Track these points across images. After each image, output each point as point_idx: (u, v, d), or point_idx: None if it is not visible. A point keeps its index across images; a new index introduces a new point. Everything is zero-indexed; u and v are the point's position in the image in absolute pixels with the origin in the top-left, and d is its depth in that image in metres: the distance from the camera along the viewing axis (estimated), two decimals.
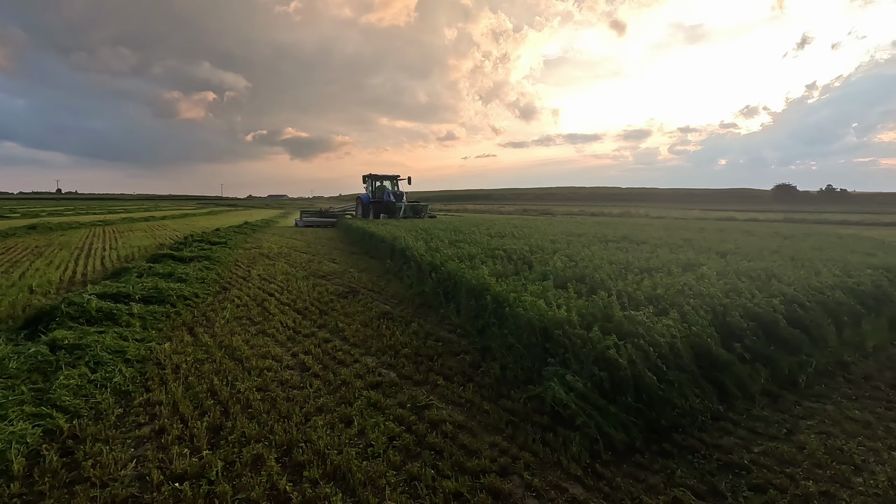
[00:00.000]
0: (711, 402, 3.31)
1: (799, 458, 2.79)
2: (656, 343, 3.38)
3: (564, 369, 3.44)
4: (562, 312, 3.88)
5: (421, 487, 2.51)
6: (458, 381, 3.91)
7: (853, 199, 63.18)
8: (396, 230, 12.68)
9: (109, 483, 2.52)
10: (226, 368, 4.12)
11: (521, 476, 2.62)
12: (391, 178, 24.37)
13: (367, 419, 3.23)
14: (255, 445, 2.88)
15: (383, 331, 5.24)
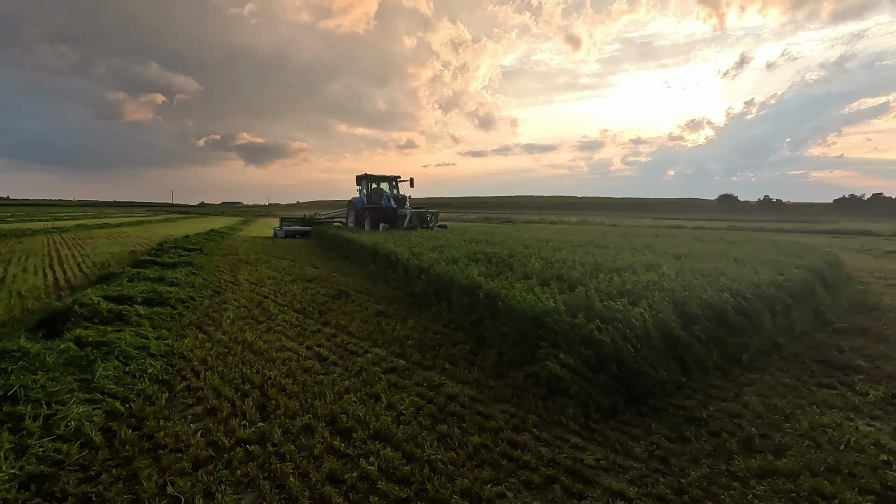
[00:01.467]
0: (676, 373, 4.03)
1: (744, 412, 3.52)
2: (632, 326, 4.08)
3: (556, 350, 4.07)
4: (551, 303, 4.55)
5: (452, 442, 3.06)
6: (462, 364, 4.47)
7: (787, 208, 68.30)
8: (374, 236, 13.22)
9: (185, 448, 2.93)
10: (249, 360, 4.52)
11: (530, 432, 3.22)
12: (390, 180, 20.27)
13: (392, 395, 3.74)
14: (302, 417, 3.34)
15: (384, 326, 5.74)
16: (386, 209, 18.23)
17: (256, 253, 13.36)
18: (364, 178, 19.79)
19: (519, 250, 9.08)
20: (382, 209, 18.30)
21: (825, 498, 2.51)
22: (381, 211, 18.27)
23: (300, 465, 2.76)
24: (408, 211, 17.41)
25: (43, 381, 3.69)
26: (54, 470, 2.66)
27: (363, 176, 19.79)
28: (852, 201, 61.65)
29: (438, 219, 18.69)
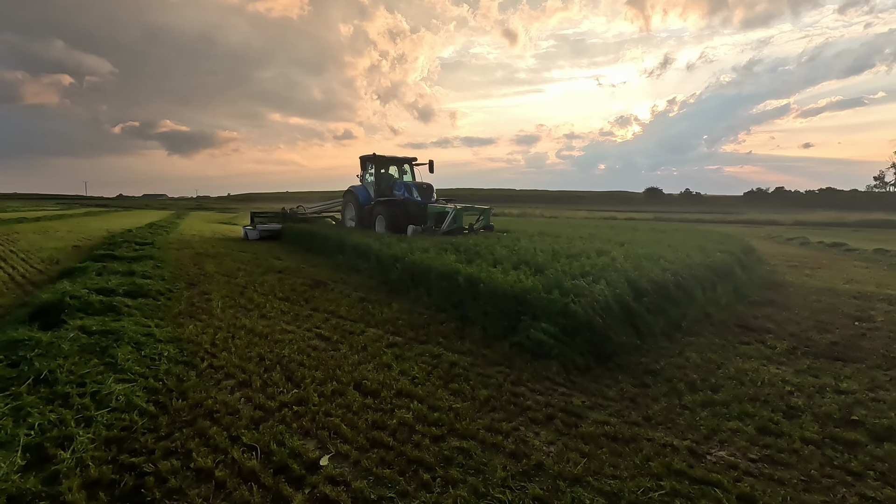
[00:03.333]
0: (632, 337, 4.88)
1: (687, 364, 4.41)
2: (597, 300, 4.88)
3: (536, 321, 4.80)
4: (529, 283, 5.27)
5: (465, 396, 3.67)
6: (453, 339, 5.08)
7: (705, 200, 74.39)
8: (339, 227, 13.62)
9: (237, 412, 3.33)
10: (256, 342, 4.87)
11: (525, 385, 3.91)
12: (403, 163, 15.00)
13: (401, 364, 4.29)
14: (330, 383, 3.82)
15: (371, 310, 6.23)
16: (406, 203, 13.25)
17: (213, 246, 13.17)
18: (372, 160, 14.40)
19: (482, 240, 9.81)
20: (401, 203, 13.27)
21: (749, 416, 3.38)
22: (398, 206, 13.16)
23: (345, 418, 3.27)
24: (451, 208, 11.79)
25: (69, 365, 3.91)
26: (126, 434, 2.99)
27: (370, 157, 14.47)
28: (759, 194, 68.34)
29: (490, 217, 13.31)
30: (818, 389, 3.87)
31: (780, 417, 3.38)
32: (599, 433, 3.13)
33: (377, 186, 14.31)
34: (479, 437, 3.06)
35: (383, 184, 14.41)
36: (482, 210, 13.16)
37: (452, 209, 11.72)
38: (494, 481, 2.58)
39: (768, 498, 2.48)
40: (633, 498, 2.47)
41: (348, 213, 15.64)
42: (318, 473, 2.63)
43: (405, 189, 13.68)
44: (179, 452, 2.80)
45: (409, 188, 13.63)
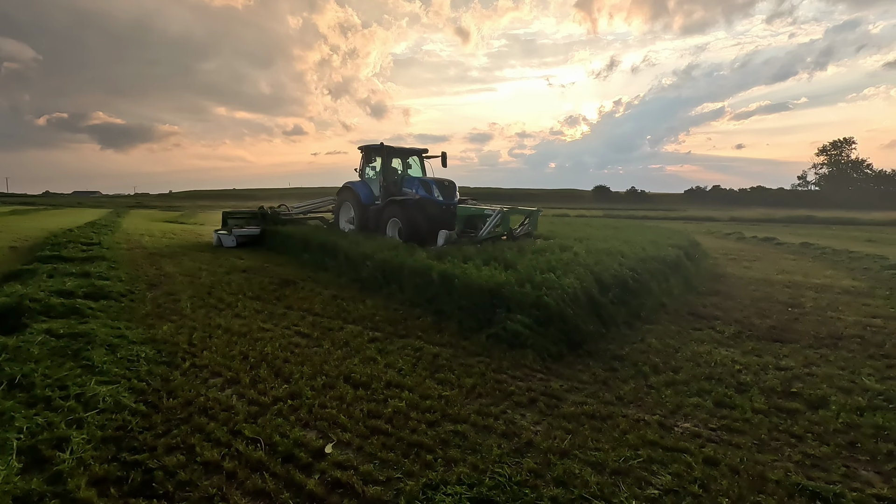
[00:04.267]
0: (599, 326, 5.25)
1: (649, 349, 4.81)
2: (566, 292, 5.21)
3: (511, 314, 5.07)
4: (501, 277, 5.54)
5: (451, 384, 3.87)
6: (431, 332, 5.27)
7: (650, 198, 78.11)
8: (335, 231, 12.07)
9: (231, 407, 3.38)
10: (235, 341, 4.86)
11: (506, 373, 4.15)
12: (411, 155, 12.45)
13: (386, 357, 4.44)
14: (320, 377, 3.92)
15: (346, 307, 6.31)
16: (424, 203, 10.60)
17: (166, 245, 12.66)
18: (378, 150, 11.81)
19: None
20: (419, 204, 10.54)
21: (706, 392, 3.78)
22: (417, 207, 10.47)
23: (341, 409, 3.39)
24: (496, 210, 9.43)
25: (42, 369, 3.80)
26: (122, 433, 2.99)
27: (376, 147, 11.85)
28: (698, 192, 72.61)
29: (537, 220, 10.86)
30: (762, 367, 4.35)
31: (732, 392, 3.80)
32: (579, 412, 3.43)
33: (385, 182, 11.66)
34: (470, 421, 3.27)
35: (386, 177, 11.79)
36: (529, 212, 10.64)
37: (498, 211, 9.35)
38: (491, 458, 2.80)
39: (728, 459, 2.84)
40: (616, 466, 2.76)
41: (344, 215, 12.64)
42: (325, 460, 2.75)
43: (421, 186, 11.14)
44: (182, 448, 2.84)
45: (428, 185, 11.05)
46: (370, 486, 2.51)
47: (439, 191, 11.13)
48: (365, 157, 12.63)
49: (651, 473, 2.69)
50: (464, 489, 2.48)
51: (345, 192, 12.61)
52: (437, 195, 11.01)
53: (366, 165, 12.65)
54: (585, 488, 2.53)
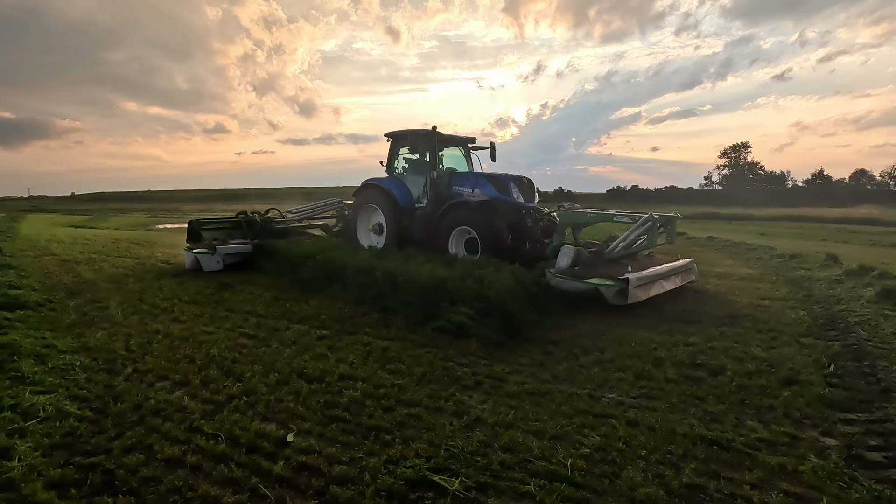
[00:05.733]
0: (535, 316, 5.69)
1: (580, 334, 5.30)
2: (505, 286, 5.61)
3: (454, 307, 5.37)
4: (444, 273, 5.84)
5: (403, 374, 4.10)
6: (379, 328, 5.45)
7: (575, 198, 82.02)
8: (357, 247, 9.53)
9: (185, 408, 3.39)
10: (178, 345, 4.77)
11: (453, 360, 4.45)
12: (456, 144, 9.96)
13: (337, 353, 4.58)
14: (272, 375, 3.99)
15: (290, 308, 6.31)
16: (499, 206, 8.25)
17: (79, 251, 11.74)
18: (426, 137, 9.04)
19: None
20: (497, 207, 8.18)
21: (628, 368, 4.28)
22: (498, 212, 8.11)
23: (297, 402, 3.51)
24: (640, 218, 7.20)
25: None
26: (71, 439, 2.93)
27: (422, 134, 9.11)
28: (619, 192, 77.40)
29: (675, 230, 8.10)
30: (674, 344, 4.96)
31: (649, 366, 4.34)
32: (520, 390, 3.79)
33: (435, 179, 8.88)
34: (423, 404, 3.52)
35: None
36: (666, 219, 7.61)
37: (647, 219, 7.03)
38: (445, 434, 3.07)
39: (646, 420, 3.31)
40: (554, 433, 3.13)
41: (364, 222, 9.83)
42: (288, 448, 2.89)
43: (489, 183, 8.46)
44: (140, 447, 2.85)
45: (502, 182, 8.40)
46: (335, 466, 2.69)
47: (519, 191, 8.52)
48: (395, 146, 9.82)
49: (583, 436, 3.09)
50: (422, 461, 2.73)
51: (367, 193, 9.60)
52: (516, 196, 8.42)
53: (393, 159, 9.82)
54: (529, 452, 2.87)
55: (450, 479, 2.57)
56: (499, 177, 8.63)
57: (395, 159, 9.85)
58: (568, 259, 6.85)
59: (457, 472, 2.65)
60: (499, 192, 8.38)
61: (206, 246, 9.07)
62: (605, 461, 2.80)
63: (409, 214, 9.03)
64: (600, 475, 2.66)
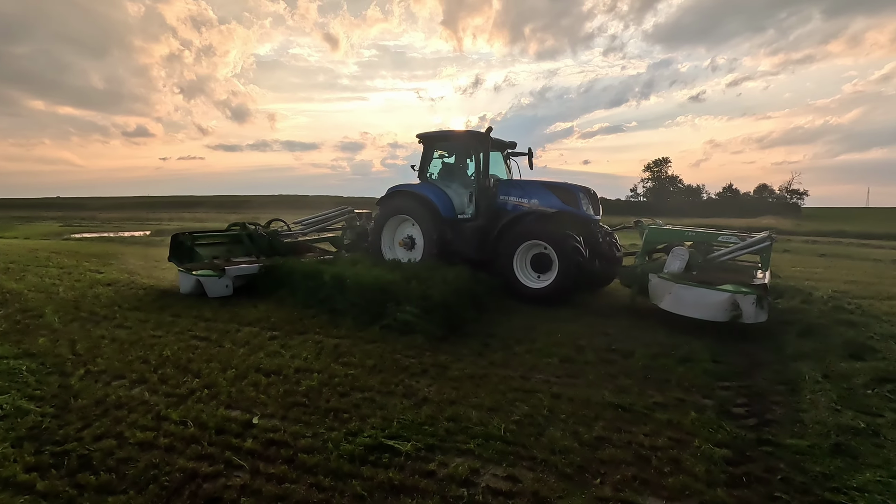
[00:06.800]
0: (475, 313, 6.23)
1: (515, 328, 5.90)
2: (449, 285, 6.11)
3: (400, 306, 5.80)
4: (391, 276, 6.26)
5: (355, 365, 4.47)
6: (328, 328, 5.75)
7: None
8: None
9: (148, 401, 3.57)
10: (128, 348, 4.84)
11: (400, 353, 4.86)
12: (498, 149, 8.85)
13: (290, 350, 4.85)
14: (230, 370, 4.22)
15: (238, 312, 6.44)
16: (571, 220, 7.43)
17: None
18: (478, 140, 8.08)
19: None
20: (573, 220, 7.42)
21: (555, 354, 4.90)
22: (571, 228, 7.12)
23: (258, 392, 3.79)
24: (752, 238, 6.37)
25: None
26: (37, 432, 3.06)
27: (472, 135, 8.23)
28: None
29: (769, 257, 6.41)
30: (594, 334, 5.66)
31: (573, 352, 4.99)
32: (462, 375, 4.29)
33: (484, 189, 7.99)
34: (376, 389, 3.92)
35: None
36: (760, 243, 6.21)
37: (766, 238, 6.23)
38: (397, 411, 3.49)
39: (567, 394, 3.91)
40: (490, 405, 3.64)
41: (390, 234, 8.70)
42: (255, 428, 3.19)
43: (552, 194, 7.69)
44: (110, 435, 3.04)
45: (570, 193, 7.66)
46: (301, 440, 3.04)
47: (589, 201, 7.80)
48: (429, 148, 8.84)
49: (515, 407, 3.62)
50: (377, 431, 3.14)
51: (396, 202, 8.51)
52: (586, 209, 7.69)
53: (426, 162, 8.83)
54: (469, 421, 3.36)
55: (403, 443, 3.01)
56: (564, 186, 7.88)
57: (429, 163, 8.86)
58: (681, 262, 6.15)
59: (408, 438, 3.09)
60: (564, 204, 7.59)
61: (211, 266, 7.53)
62: (532, 424, 3.35)
63: (452, 226, 8.03)
64: (528, 435, 3.20)
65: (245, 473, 2.70)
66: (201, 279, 7.27)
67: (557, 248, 6.93)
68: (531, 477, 2.73)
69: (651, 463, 2.89)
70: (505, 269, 7.39)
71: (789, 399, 3.90)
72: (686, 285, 5.70)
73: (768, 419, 3.55)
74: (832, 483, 2.69)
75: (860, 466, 2.85)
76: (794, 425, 3.42)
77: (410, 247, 8.49)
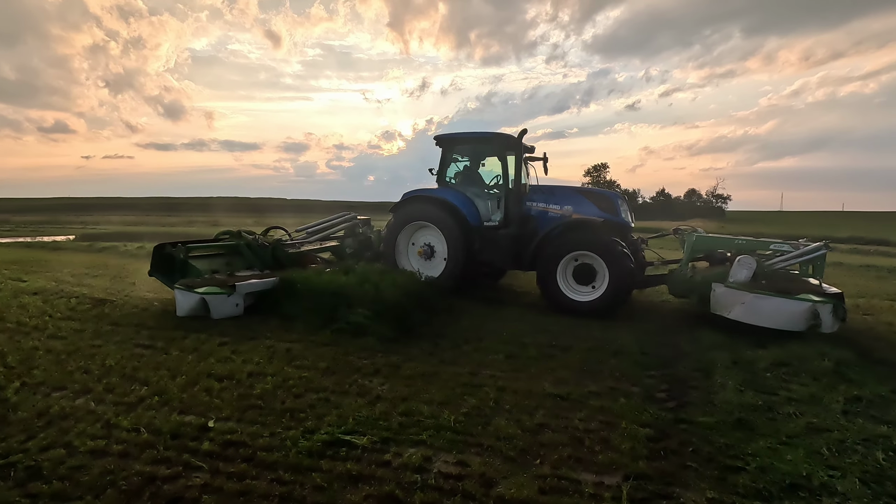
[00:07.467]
0: (425, 315, 6.45)
1: (464, 328, 6.17)
2: (400, 288, 6.30)
3: (352, 310, 5.92)
4: (343, 280, 6.37)
5: (308, 367, 4.57)
6: (280, 332, 5.76)
7: None
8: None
9: (95, 409, 3.51)
10: (66, 359, 4.65)
11: (353, 355, 5.00)
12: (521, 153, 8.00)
13: (241, 355, 4.86)
14: (180, 377, 4.19)
15: (183, 319, 6.29)
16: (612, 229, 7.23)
17: None
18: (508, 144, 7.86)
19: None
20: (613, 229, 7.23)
21: (501, 351, 5.22)
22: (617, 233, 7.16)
23: (211, 396, 3.82)
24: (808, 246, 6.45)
25: None
26: None
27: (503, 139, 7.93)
28: None
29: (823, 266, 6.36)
30: (537, 332, 6.05)
31: (517, 349, 5.32)
32: (414, 373, 4.50)
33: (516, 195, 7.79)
34: (330, 389, 4.05)
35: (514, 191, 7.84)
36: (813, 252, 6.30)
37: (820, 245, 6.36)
38: (352, 409, 3.65)
39: (512, 386, 4.21)
40: (441, 400, 3.88)
41: (405, 243, 8.33)
42: (211, 431, 3.24)
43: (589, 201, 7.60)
44: (59, 444, 3.00)
45: (609, 200, 7.63)
46: (259, 439, 3.14)
47: (626, 209, 7.68)
48: (448, 151, 8.47)
49: (464, 401, 3.88)
50: (334, 428, 3.29)
51: (415, 208, 8.09)
52: (624, 216, 7.55)
53: (445, 167, 8.47)
54: (421, 415, 3.58)
55: (359, 437, 3.18)
56: (601, 193, 8.05)
57: (448, 167, 8.51)
58: (748, 271, 6.01)
59: (364, 432, 3.26)
60: (603, 211, 7.42)
61: (218, 283, 6.60)
62: (480, 415, 3.62)
63: (480, 235, 7.77)
64: (476, 424, 3.47)
65: (205, 473, 2.77)
66: (206, 298, 6.31)
67: (609, 258, 6.71)
68: (479, 461, 2.99)
69: (584, 443, 3.23)
70: (547, 281, 7.14)
71: (704, 383, 4.41)
72: (763, 295, 5.60)
73: (686, 401, 4.03)
74: (732, 451, 3.14)
75: (755, 437, 3.33)
76: (706, 405, 3.90)
77: (430, 255, 8.07)
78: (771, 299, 5.55)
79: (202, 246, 7.68)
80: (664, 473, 2.90)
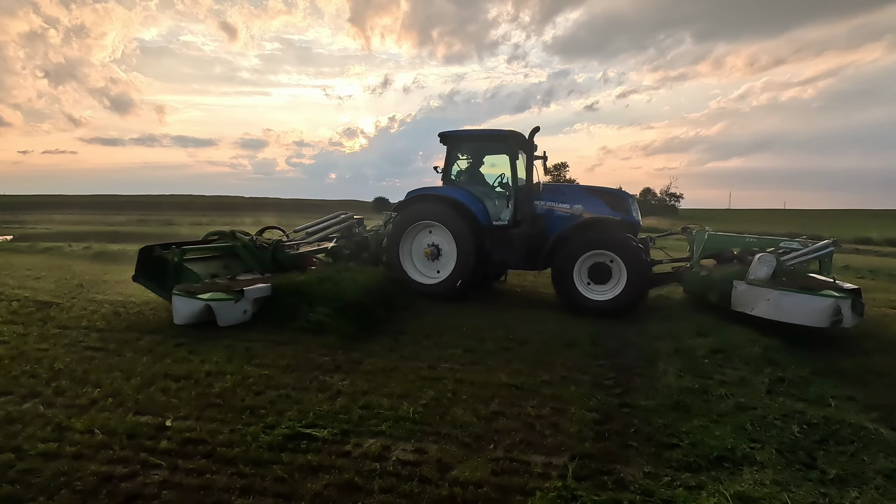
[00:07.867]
0: (387, 313, 6.55)
1: (425, 325, 6.28)
2: (361, 286, 6.37)
3: (313, 308, 5.94)
4: (302, 278, 6.37)
5: (268, 366, 4.58)
6: (239, 331, 5.70)
7: None
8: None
9: (41, 416, 3.43)
10: (9, 364, 4.47)
11: (314, 352, 5.03)
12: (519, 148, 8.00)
13: (199, 355, 4.80)
14: (134, 379, 4.13)
15: (135, 320, 6.13)
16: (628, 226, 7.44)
17: None
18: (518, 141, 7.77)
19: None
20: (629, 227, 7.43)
21: (460, 346, 5.38)
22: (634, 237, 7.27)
23: (168, 396, 3.80)
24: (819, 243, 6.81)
25: None
26: None
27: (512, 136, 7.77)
28: None
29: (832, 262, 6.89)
30: (495, 327, 6.25)
31: (476, 344, 5.50)
32: (374, 369, 4.60)
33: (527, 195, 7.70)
34: (291, 386, 4.10)
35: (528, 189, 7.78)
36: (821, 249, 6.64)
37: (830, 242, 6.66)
38: (313, 404, 3.72)
39: (470, 378, 4.38)
40: (400, 393, 4.00)
41: (408, 244, 8.01)
42: (169, 430, 3.24)
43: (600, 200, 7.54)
44: (7, 449, 2.93)
45: (620, 199, 7.60)
46: (218, 436, 3.16)
47: (636, 208, 7.72)
48: (454, 149, 8.28)
49: (423, 393, 4.02)
50: (295, 423, 3.35)
51: (420, 207, 7.84)
52: (635, 216, 7.59)
53: (450, 165, 8.28)
54: (381, 407, 3.70)
55: (320, 430, 3.27)
56: (611, 191, 7.89)
57: (453, 165, 8.30)
58: (769, 268, 6.09)
59: (325, 426, 3.35)
60: (614, 210, 7.39)
61: (224, 289, 6.01)
62: (438, 406, 3.77)
63: (490, 234, 7.64)
64: (434, 415, 3.61)
65: (163, 471, 2.78)
66: (212, 305, 5.76)
67: (626, 257, 6.76)
68: (436, 448, 3.13)
69: (535, 428, 3.44)
70: (564, 281, 7.13)
71: (648, 370, 4.73)
72: (787, 292, 5.65)
73: (631, 387, 4.32)
74: (669, 430, 3.42)
75: (690, 416, 3.64)
76: (648, 390, 4.20)
77: (436, 256, 7.84)
78: (795, 296, 5.58)
79: (198, 248, 7.16)
80: (607, 453, 3.14)
